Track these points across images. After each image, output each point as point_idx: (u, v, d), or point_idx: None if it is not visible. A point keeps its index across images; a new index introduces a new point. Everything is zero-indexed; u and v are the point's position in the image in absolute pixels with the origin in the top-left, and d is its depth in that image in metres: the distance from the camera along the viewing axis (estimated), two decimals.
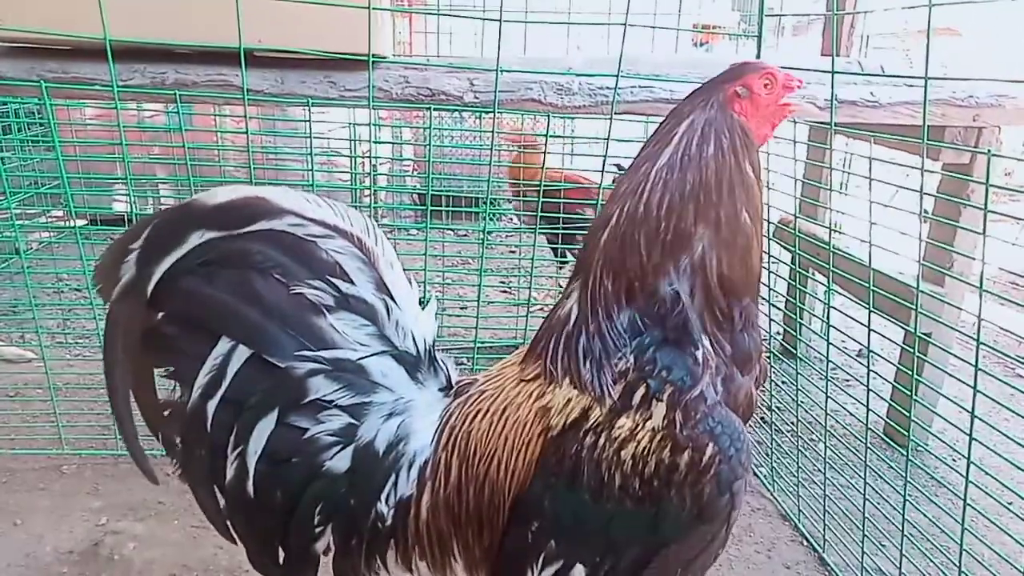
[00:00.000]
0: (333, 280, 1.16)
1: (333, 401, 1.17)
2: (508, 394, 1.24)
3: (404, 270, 1.23)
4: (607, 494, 1.10)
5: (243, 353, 1.13)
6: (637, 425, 1.10)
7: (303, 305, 1.14)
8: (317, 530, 1.20)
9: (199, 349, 1.13)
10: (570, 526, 1.14)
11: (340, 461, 1.18)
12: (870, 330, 1.94)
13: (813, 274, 3.17)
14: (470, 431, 1.22)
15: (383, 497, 1.20)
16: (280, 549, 1.23)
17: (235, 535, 1.24)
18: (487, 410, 1.23)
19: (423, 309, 1.26)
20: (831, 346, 2.29)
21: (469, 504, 1.21)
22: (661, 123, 1.22)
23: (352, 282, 1.17)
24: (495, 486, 1.19)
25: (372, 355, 1.19)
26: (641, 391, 1.11)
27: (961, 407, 1.71)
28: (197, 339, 1.14)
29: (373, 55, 2.00)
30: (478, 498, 1.20)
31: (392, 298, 1.20)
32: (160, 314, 1.13)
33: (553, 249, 3.79)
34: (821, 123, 2.25)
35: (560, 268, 3.86)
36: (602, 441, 1.11)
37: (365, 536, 1.22)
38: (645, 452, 1.08)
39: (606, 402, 1.12)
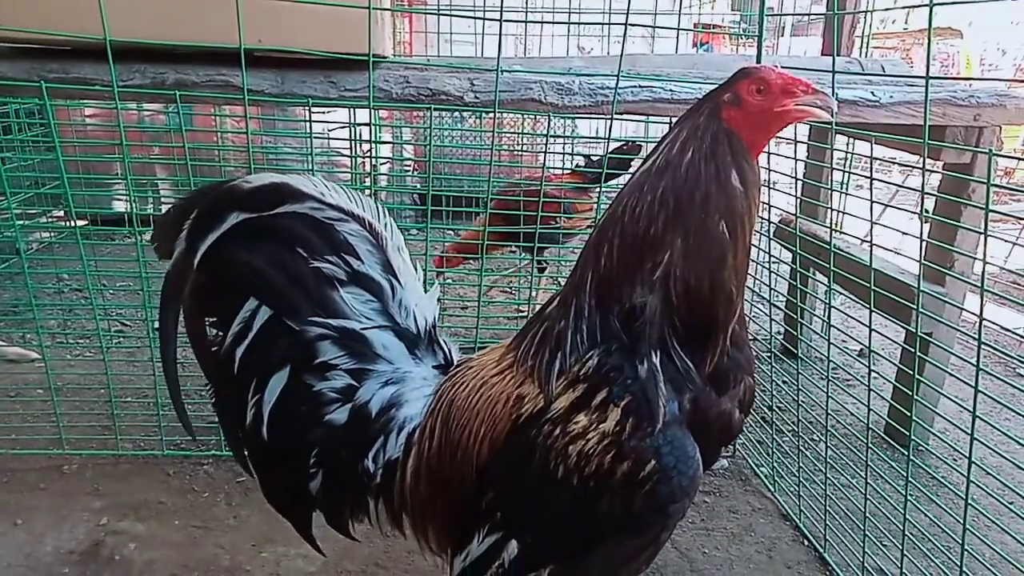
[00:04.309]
0: (346, 257, 1.28)
1: (338, 365, 1.29)
2: (489, 372, 1.30)
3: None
4: (549, 482, 1.14)
5: (265, 313, 1.28)
6: (591, 425, 1.13)
7: (319, 277, 1.27)
8: (311, 471, 1.32)
9: (233, 304, 1.28)
10: (514, 502, 1.20)
11: (339, 415, 1.30)
12: (871, 330, 1.93)
13: (814, 274, 3.17)
14: (452, 400, 1.30)
15: (371, 455, 1.31)
16: (284, 485, 1.37)
17: (251, 470, 1.39)
18: (469, 384, 1.30)
19: (426, 293, 1.36)
20: (832, 346, 2.29)
21: (446, 470, 1.27)
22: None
23: (362, 261, 1.29)
24: (466, 454, 1.25)
25: (375, 328, 1.31)
26: (603, 394, 1.14)
27: (962, 406, 1.71)
28: (232, 296, 1.29)
29: (373, 55, 2.00)
30: (453, 464, 1.26)
31: (397, 279, 1.32)
32: (205, 274, 1.28)
33: (538, 260, 3.72)
34: (822, 123, 2.25)
35: (542, 271, 3.79)
36: (556, 432, 1.15)
37: (352, 489, 1.33)
38: (590, 452, 1.11)
39: (566, 398, 1.16)
